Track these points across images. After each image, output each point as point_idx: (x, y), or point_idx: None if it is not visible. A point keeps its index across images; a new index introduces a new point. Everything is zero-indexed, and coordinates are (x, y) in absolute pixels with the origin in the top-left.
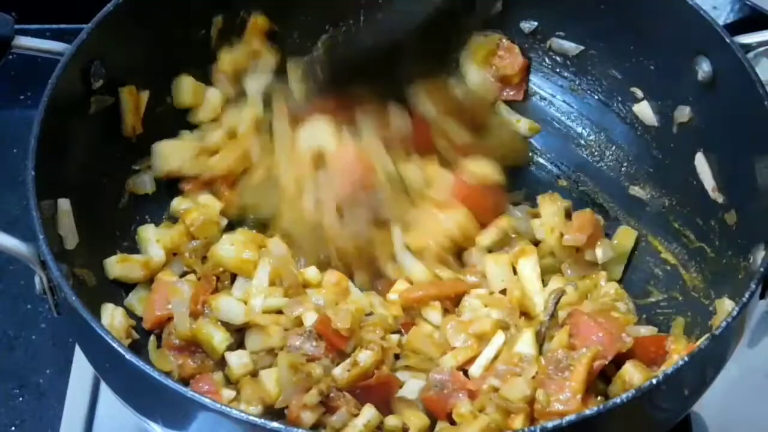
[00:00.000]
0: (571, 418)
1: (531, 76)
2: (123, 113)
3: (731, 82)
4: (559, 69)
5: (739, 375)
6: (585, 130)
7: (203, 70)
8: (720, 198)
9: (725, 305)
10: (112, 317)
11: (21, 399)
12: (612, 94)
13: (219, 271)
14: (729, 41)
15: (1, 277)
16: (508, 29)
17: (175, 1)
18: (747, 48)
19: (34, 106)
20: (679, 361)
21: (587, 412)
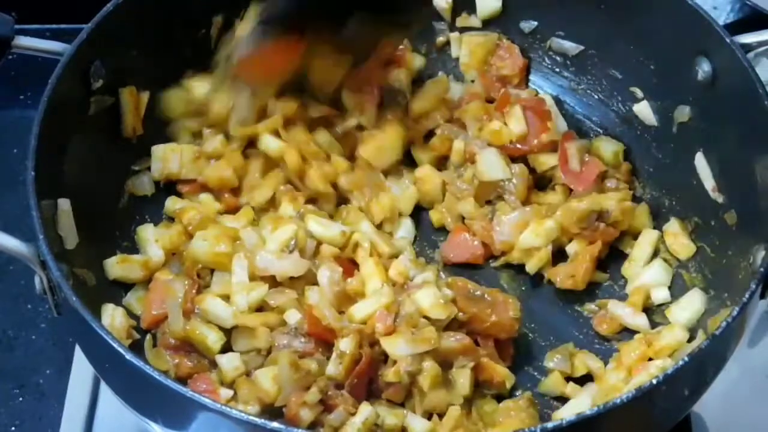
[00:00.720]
0: (572, 418)
1: (531, 76)
2: (123, 114)
3: (731, 82)
4: (559, 69)
5: (739, 375)
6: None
7: (203, 69)
8: (720, 198)
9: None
10: (113, 317)
11: (21, 399)
12: (612, 94)
13: (198, 268)
14: (729, 41)
15: (1, 277)
16: (508, 29)
17: (175, 1)
18: (747, 48)
19: (34, 106)
20: (679, 361)
21: (587, 412)
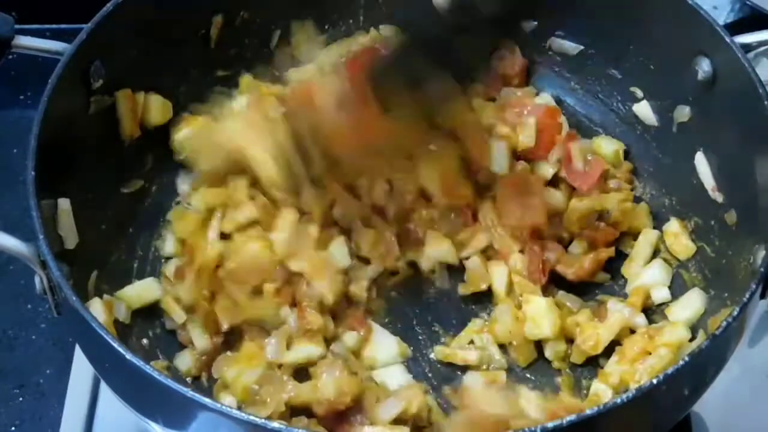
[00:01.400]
0: (572, 418)
1: (531, 76)
2: (120, 117)
3: (731, 82)
4: (559, 69)
5: (740, 375)
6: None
7: (203, 69)
8: (720, 198)
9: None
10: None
11: (21, 399)
12: (612, 94)
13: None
14: (729, 41)
15: (1, 277)
16: (508, 29)
17: (175, 1)
18: (747, 48)
19: (34, 106)
20: (679, 361)
21: (587, 412)
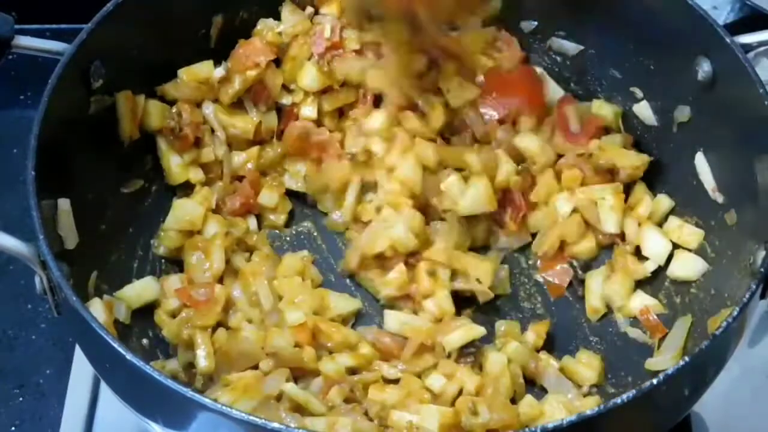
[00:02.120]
0: (572, 418)
1: None
2: (119, 118)
3: (731, 82)
4: (559, 69)
5: (740, 375)
6: None
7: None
8: (720, 198)
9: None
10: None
11: (21, 399)
12: (612, 94)
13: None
14: (729, 41)
15: (1, 277)
16: (508, 29)
17: (175, 1)
18: (747, 48)
19: (34, 106)
20: (679, 361)
21: (587, 412)
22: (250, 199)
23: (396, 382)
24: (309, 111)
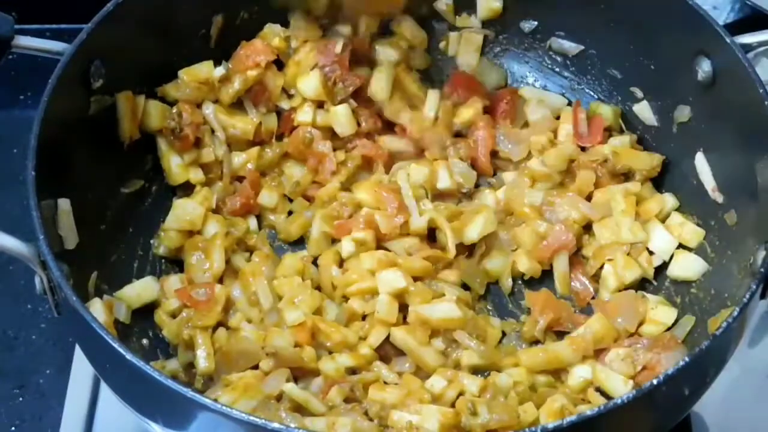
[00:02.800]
0: (572, 418)
1: (531, 75)
2: (120, 119)
3: (731, 82)
4: (559, 69)
5: (739, 375)
6: None
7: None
8: (720, 198)
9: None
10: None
11: (21, 399)
12: (612, 94)
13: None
14: (729, 41)
15: (1, 277)
16: (508, 29)
17: (175, 1)
18: (747, 48)
19: (34, 106)
20: (680, 361)
21: (588, 412)
22: (251, 200)
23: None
24: (305, 116)
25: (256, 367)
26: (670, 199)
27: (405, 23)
